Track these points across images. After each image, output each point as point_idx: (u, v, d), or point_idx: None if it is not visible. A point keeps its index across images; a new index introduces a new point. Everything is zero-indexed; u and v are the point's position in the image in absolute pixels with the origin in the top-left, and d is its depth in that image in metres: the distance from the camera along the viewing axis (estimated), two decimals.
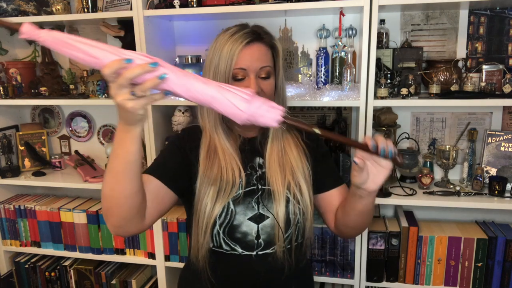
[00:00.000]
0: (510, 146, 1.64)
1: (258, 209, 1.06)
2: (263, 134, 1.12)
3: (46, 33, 0.74)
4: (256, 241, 1.06)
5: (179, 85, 0.76)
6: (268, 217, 1.05)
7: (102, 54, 0.73)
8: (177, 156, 1.08)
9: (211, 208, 1.02)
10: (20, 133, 2.07)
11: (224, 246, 1.06)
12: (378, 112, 1.65)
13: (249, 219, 1.05)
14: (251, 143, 1.13)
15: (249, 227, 1.05)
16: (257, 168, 1.10)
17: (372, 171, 0.91)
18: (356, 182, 0.93)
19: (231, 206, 1.04)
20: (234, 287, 1.10)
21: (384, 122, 1.62)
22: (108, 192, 0.86)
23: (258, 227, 1.05)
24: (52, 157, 2.07)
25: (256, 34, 1.04)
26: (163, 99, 0.78)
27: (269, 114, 0.80)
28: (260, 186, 1.08)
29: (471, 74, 1.59)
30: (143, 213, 0.94)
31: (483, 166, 1.66)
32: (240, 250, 1.06)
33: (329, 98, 1.55)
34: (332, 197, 1.14)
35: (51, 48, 0.75)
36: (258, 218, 1.05)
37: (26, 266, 2.04)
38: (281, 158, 1.09)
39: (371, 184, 0.92)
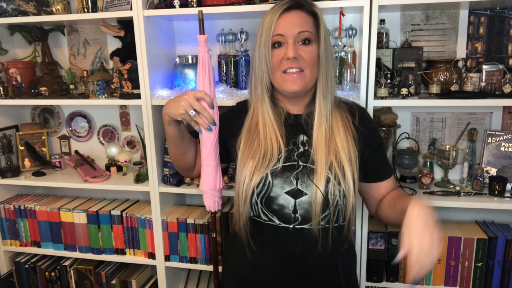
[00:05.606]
0: (510, 146, 1.64)
1: (297, 185, 1.07)
2: (310, 113, 1.13)
3: (204, 52, 1.11)
4: (293, 215, 1.08)
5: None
6: (306, 194, 1.06)
7: (201, 83, 1.12)
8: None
9: (249, 179, 1.07)
10: (20, 133, 2.07)
11: (262, 216, 1.11)
12: (378, 112, 1.65)
13: (287, 193, 1.07)
14: (296, 119, 1.15)
15: (286, 201, 1.07)
16: (300, 145, 1.12)
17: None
18: None
19: (269, 178, 1.08)
20: (272, 256, 1.12)
21: (384, 122, 1.62)
22: (170, 154, 1.25)
23: (295, 202, 1.07)
24: (52, 157, 2.07)
25: (296, 2, 1.07)
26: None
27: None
28: (300, 163, 1.09)
29: (471, 74, 1.59)
30: (190, 167, 1.27)
31: (483, 166, 1.66)
32: (277, 221, 1.09)
33: None
34: (380, 187, 1.17)
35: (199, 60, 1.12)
36: (296, 193, 1.07)
37: (26, 266, 2.04)
38: (327, 138, 1.09)
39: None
